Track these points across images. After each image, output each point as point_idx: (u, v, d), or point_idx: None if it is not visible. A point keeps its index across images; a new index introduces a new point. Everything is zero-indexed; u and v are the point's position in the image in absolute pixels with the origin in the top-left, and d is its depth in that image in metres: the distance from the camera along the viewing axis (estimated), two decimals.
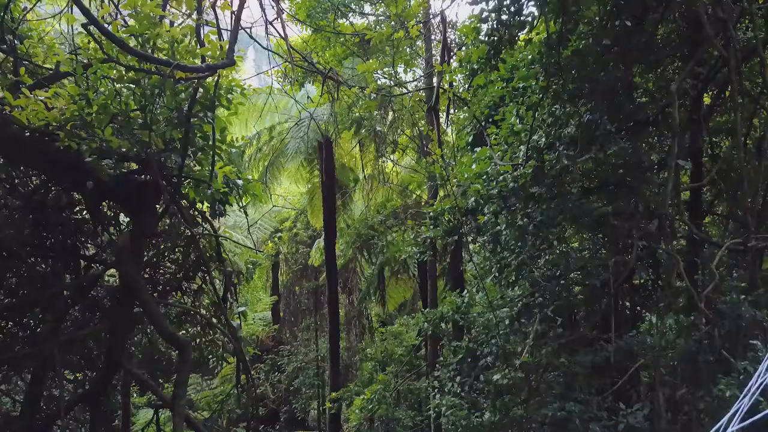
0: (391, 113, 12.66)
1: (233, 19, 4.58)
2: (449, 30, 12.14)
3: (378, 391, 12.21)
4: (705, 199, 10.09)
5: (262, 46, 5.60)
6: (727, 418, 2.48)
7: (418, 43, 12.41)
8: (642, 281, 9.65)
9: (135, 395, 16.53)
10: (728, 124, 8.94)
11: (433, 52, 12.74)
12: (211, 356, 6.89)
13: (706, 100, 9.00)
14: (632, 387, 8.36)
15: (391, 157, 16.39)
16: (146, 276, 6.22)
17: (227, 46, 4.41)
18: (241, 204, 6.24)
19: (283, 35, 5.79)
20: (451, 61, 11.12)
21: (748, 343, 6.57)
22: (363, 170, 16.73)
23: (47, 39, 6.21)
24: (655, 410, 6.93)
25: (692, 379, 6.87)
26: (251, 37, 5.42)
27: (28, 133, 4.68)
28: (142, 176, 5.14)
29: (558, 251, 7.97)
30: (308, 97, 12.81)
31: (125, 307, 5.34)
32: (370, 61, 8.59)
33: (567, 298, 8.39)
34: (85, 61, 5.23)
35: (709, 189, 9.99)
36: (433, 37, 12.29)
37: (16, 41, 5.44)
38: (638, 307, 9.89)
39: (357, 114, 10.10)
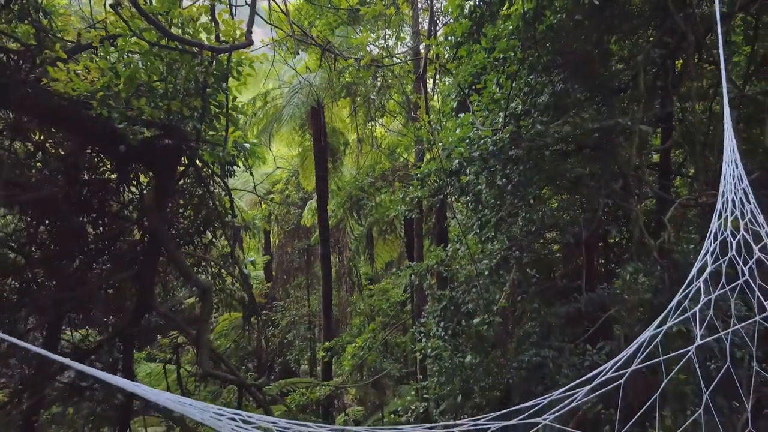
0: (380, 79, 13.14)
1: (249, 4, 5.11)
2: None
3: (368, 340, 13.08)
4: (676, 161, 10.77)
5: (267, 22, 6.15)
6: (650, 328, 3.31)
7: (405, 11, 12.81)
8: (616, 240, 10.38)
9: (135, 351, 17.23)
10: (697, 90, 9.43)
11: (420, 19, 13.16)
12: (221, 303, 7.64)
13: (679, 65, 9.54)
14: (604, 336, 9.17)
15: (380, 121, 16.80)
16: None
17: (245, 27, 4.99)
18: (247, 165, 6.90)
19: (285, 11, 6.34)
20: (438, 33, 11.59)
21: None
22: (357, 133, 17.11)
23: (64, 12, 6.69)
24: (617, 348, 7.77)
25: (648, 318, 7.68)
26: (258, 15, 5.96)
27: (65, 103, 5.26)
28: (165, 141, 5.77)
29: (537, 210, 8.56)
30: (306, 67, 13.20)
31: (152, 256, 6.05)
32: (361, 30, 9.06)
33: (546, 255, 9.06)
34: (102, 34, 5.78)
35: (681, 151, 10.64)
36: (420, 5, 12.71)
37: (41, 16, 5.95)
38: (612, 264, 10.70)
39: (349, 80, 10.60)
